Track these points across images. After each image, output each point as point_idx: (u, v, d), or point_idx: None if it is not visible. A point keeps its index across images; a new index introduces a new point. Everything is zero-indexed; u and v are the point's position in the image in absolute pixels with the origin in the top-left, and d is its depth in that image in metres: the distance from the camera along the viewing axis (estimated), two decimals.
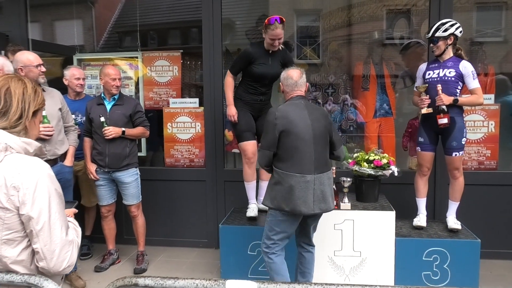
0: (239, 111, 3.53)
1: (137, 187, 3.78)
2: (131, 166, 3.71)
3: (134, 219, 3.86)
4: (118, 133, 3.58)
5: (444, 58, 3.38)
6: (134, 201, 3.78)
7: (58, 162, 3.34)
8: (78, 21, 5.29)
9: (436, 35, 3.30)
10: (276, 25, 3.25)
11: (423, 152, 3.48)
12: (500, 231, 3.92)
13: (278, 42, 3.33)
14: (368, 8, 5.38)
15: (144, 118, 3.79)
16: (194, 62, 5.03)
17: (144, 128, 3.77)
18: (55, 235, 1.47)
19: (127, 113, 3.67)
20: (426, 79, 3.43)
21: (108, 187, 3.75)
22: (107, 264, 3.89)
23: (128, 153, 3.68)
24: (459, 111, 3.37)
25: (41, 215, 1.44)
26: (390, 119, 4.72)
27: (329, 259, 3.39)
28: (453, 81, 3.33)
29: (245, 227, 3.52)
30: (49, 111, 3.24)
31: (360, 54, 5.35)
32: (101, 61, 4.61)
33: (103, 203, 3.79)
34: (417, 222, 3.53)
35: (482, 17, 5.10)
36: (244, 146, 3.62)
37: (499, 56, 4.97)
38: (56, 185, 1.54)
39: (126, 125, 3.67)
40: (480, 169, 4.04)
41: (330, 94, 4.85)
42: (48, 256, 1.46)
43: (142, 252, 3.93)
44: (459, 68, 3.32)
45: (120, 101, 3.71)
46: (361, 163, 3.59)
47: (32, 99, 1.57)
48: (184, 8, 5.57)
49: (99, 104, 3.66)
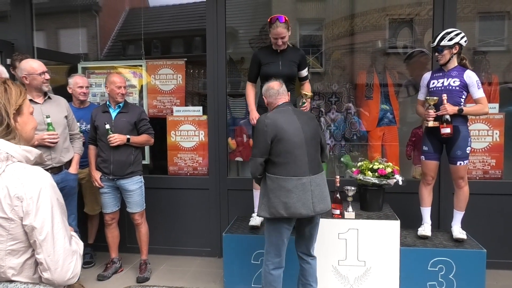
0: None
1: (141, 195, 3.77)
2: (135, 173, 3.71)
3: (138, 227, 3.84)
4: (123, 140, 3.59)
5: (448, 67, 3.38)
6: (138, 209, 3.77)
7: (63, 170, 3.35)
8: (83, 29, 5.32)
9: (441, 44, 3.30)
10: (277, 24, 3.28)
11: (427, 161, 3.47)
12: (505, 241, 3.89)
13: (282, 41, 3.34)
14: (371, 18, 5.41)
15: (149, 126, 3.80)
16: (197, 71, 5.04)
17: (149, 136, 3.78)
18: (58, 245, 1.46)
19: (132, 121, 3.69)
20: (430, 88, 3.43)
21: (113, 195, 3.75)
22: (110, 272, 3.87)
23: (133, 160, 3.68)
24: (464, 120, 3.36)
25: (44, 225, 1.43)
26: (393, 128, 4.72)
27: (333, 268, 3.36)
28: (458, 91, 3.33)
29: (248, 236, 3.50)
30: (55, 119, 3.25)
31: (363, 63, 5.36)
32: (106, 69, 4.63)
33: (107, 210, 3.78)
34: (421, 232, 3.51)
35: (485, 26, 5.11)
36: None
37: (502, 65, 4.97)
38: (58, 194, 1.52)
39: (131, 132, 3.68)
40: (485, 179, 4.02)
41: (334, 103, 4.85)
42: (52, 266, 1.45)
43: (145, 261, 3.91)
44: (463, 77, 3.32)
45: (125, 108, 3.72)
46: (365, 172, 3.57)
47: (6, 98, 1.50)
48: (188, 17, 5.60)
49: (104, 112, 3.67)
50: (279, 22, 3.28)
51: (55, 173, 3.24)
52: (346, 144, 4.80)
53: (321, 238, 3.35)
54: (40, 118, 3.11)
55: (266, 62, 3.45)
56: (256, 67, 3.50)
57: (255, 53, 3.55)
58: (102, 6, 5.59)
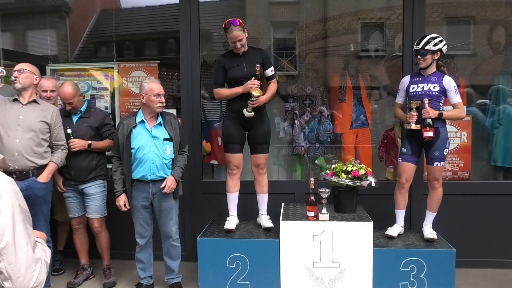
0: (229, 122, 3.59)
1: (102, 200, 3.70)
2: (98, 178, 3.67)
3: (97, 235, 3.77)
4: (83, 146, 3.53)
5: (428, 72, 3.46)
6: (97, 215, 3.69)
7: (30, 177, 3.22)
8: (52, 30, 5.19)
9: (426, 48, 3.37)
10: (232, 28, 3.35)
11: (404, 163, 3.52)
12: (473, 240, 4.00)
13: (240, 44, 3.40)
14: (344, 21, 5.49)
15: (113, 131, 3.71)
16: (171, 73, 4.99)
17: (111, 141, 3.71)
18: (20, 253, 1.40)
19: (94, 126, 3.63)
20: (410, 93, 3.49)
21: (77, 199, 3.68)
22: (81, 279, 3.77)
23: (95, 165, 3.65)
24: (443, 123, 3.46)
25: (5, 232, 1.37)
26: (366, 130, 4.79)
27: (308, 270, 3.38)
28: (437, 96, 3.41)
29: (223, 239, 3.48)
30: (27, 122, 3.17)
31: (336, 66, 5.43)
32: (76, 71, 4.51)
33: (72, 215, 3.70)
34: (388, 231, 3.59)
35: (452, 31, 5.28)
36: (228, 158, 3.65)
37: (469, 68, 5.14)
38: (20, 200, 1.46)
39: (93, 138, 3.62)
40: (454, 179, 4.13)
41: (308, 105, 4.88)
42: (13, 275, 1.39)
43: (108, 266, 3.87)
44: (442, 83, 3.41)
45: (87, 113, 3.67)
46: (339, 174, 3.61)
47: None
48: (161, 18, 5.54)
49: (66, 116, 3.59)
50: (233, 26, 3.35)
51: (21, 179, 3.13)
52: (320, 146, 4.85)
53: (296, 240, 3.37)
54: (15, 117, 3.17)
55: (231, 66, 3.49)
56: (222, 72, 3.55)
57: (219, 59, 3.59)
58: (72, 7, 5.47)
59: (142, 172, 3.32)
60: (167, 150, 3.34)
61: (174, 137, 3.37)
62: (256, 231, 3.67)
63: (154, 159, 3.30)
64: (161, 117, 3.39)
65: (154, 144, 3.30)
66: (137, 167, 3.33)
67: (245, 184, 3.81)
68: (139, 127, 3.33)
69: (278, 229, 3.47)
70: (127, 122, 3.34)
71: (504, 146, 4.52)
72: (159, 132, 3.35)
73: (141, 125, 3.34)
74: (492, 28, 5.14)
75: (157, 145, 3.31)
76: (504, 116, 4.56)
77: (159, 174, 3.34)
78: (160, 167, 3.32)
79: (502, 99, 4.60)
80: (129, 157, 3.31)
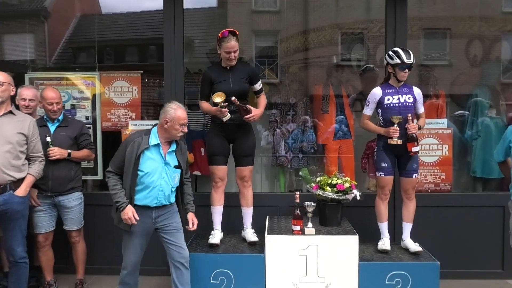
0: (213, 134, 3.58)
1: (80, 212, 3.64)
2: (75, 189, 3.59)
3: (74, 245, 3.70)
4: (63, 154, 3.46)
5: (399, 84, 3.51)
6: (76, 227, 3.63)
7: (8, 191, 3.06)
8: (30, 35, 5.04)
9: (412, 62, 3.42)
10: (230, 37, 3.34)
11: (387, 177, 3.53)
12: (456, 252, 4.05)
13: (234, 55, 3.38)
14: (326, 33, 5.54)
15: (90, 141, 3.75)
16: (153, 80, 4.91)
17: (90, 151, 3.70)
18: None
19: (72, 135, 3.58)
20: (385, 105, 3.49)
21: (49, 213, 3.55)
22: None
23: (73, 176, 3.57)
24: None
25: None
26: (349, 141, 4.82)
27: (293, 285, 3.35)
28: (411, 107, 3.47)
29: (208, 254, 3.42)
30: (4, 134, 3.02)
31: (319, 76, 5.46)
32: (56, 80, 4.36)
33: (41, 231, 3.54)
34: (382, 246, 3.57)
35: (429, 43, 5.42)
36: (212, 170, 3.61)
37: (446, 79, 5.27)
38: None
39: (71, 147, 3.56)
40: (435, 191, 4.19)
41: (292, 117, 4.88)
42: None
43: (81, 281, 3.78)
44: (414, 94, 3.50)
45: (64, 122, 3.60)
46: (324, 187, 3.60)
47: None
48: (144, 25, 5.47)
49: (42, 126, 3.48)
50: (232, 36, 3.34)
51: None
52: (303, 157, 4.84)
53: (282, 255, 3.34)
54: None
55: (217, 81, 3.47)
56: (207, 86, 3.53)
57: (206, 72, 3.56)
58: (51, 11, 5.32)
59: (145, 200, 2.99)
60: (175, 178, 3.07)
61: (183, 164, 3.11)
62: (241, 245, 3.62)
63: (163, 187, 3.00)
64: (175, 143, 3.11)
65: (165, 171, 3.01)
66: (141, 192, 2.98)
67: (229, 196, 3.76)
68: (152, 150, 2.98)
69: (263, 243, 3.44)
70: (138, 141, 2.96)
71: (483, 157, 4.64)
72: (171, 158, 3.06)
73: (154, 149, 2.99)
74: (469, 42, 5.29)
75: (168, 172, 3.02)
76: (482, 128, 4.68)
77: (164, 202, 3.06)
78: (167, 195, 3.04)
79: (480, 112, 4.71)
80: (134, 180, 2.95)
